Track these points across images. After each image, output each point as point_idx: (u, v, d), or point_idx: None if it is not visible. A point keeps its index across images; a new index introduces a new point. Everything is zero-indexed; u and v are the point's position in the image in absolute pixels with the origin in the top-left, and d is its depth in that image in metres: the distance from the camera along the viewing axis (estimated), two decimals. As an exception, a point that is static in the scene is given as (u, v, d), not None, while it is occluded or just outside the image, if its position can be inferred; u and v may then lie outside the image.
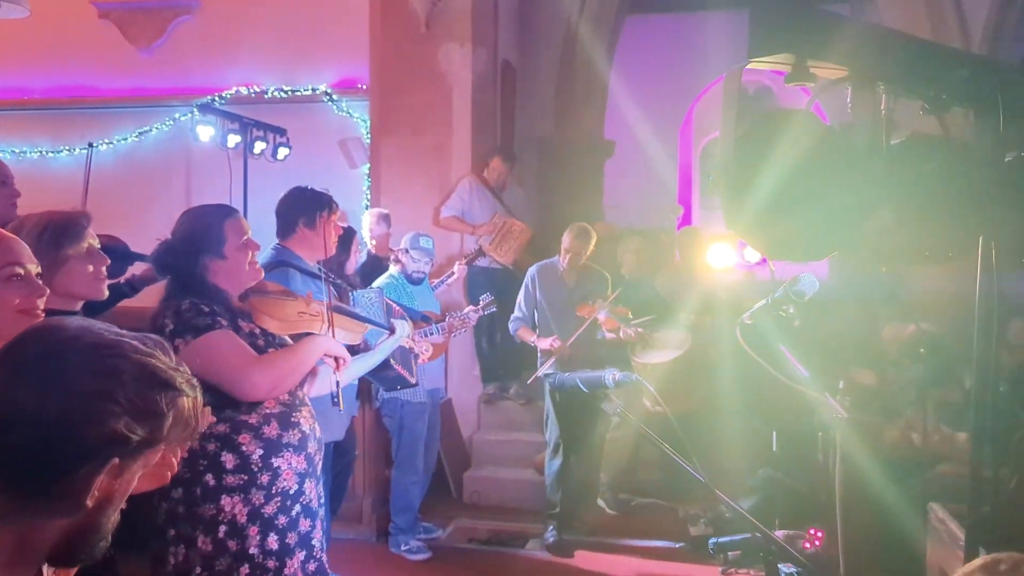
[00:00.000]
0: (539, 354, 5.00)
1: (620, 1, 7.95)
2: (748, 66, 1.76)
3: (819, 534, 3.65)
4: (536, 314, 5.02)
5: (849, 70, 1.78)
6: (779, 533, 3.64)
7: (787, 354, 2.95)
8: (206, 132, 6.11)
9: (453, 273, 5.48)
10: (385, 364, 2.74)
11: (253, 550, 2.21)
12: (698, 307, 5.17)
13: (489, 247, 6.01)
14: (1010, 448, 3.85)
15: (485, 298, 4.89)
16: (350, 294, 3.20)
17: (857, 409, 4.63)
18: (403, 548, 4.73)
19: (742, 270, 6.40)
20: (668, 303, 5.80)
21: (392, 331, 2.75)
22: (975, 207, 2.03)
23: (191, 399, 1.04)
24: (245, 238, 2.34)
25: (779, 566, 1.99)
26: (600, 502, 5.53)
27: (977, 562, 1.04)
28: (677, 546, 4.87)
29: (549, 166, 7.92)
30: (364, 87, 6.55)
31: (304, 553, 2.30)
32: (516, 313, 5.06)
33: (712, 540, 1.84)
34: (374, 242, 5.61)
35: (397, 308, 3.14)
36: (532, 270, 5.10)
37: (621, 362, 5.61)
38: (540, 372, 4.85)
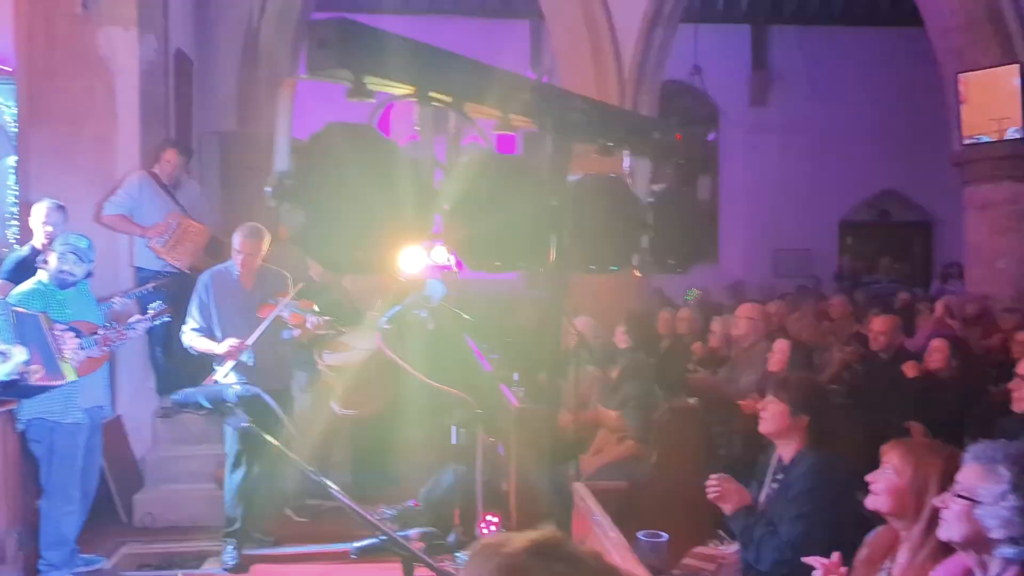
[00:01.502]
0: (216, 361, 4.72)
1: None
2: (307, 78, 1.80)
3: (495, 519, 3.87)
4: (214, 324, 4.71)
5: (415, 88, 1.88)
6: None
7: (474, 348, 3.09)
8: None
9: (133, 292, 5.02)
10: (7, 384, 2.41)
11: None
12: (386, 308, 5.22)
13: (162, 249, 5.57)
14: (652, 426, 4.38)
15: (157, 306, 4.52)
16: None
17: (530, 399, 4.98)
18: (57, 585, 4.22)
19: (435, 273, 6.59)
20: (357, 305, 5.81)
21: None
22: (629, 229, 2.40)
23: None
24: None
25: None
26: (288, 511, 5.38)
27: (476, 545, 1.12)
28: (360, 546, 4.87)
29: (232, 163, 7.57)
30: (10, 69, 5.78)
31: None
32: (190, 325, 4.69)
33: (353, 546, 1.86)
34: (45, 241, 4.89)
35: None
36: (204, 277, 4.78)
37: (307, 365, 5.52)
38: (216, 379, 4.58)
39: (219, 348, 4.60)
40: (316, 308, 4.84)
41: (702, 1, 12.00)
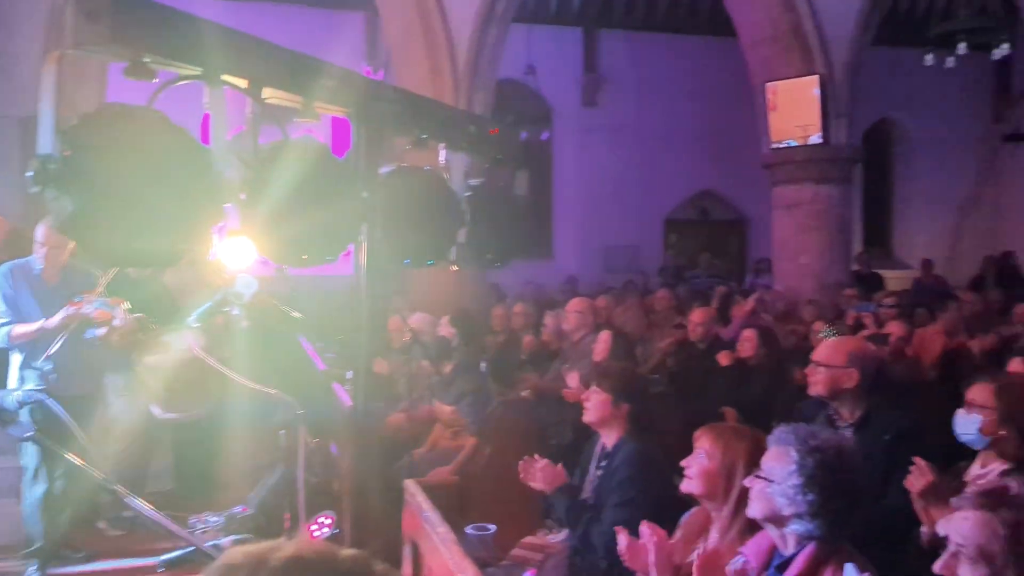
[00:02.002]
0: (11, 366, 4.30)
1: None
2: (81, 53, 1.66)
3: (328, 520, 3.77)
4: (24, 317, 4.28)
5: (203, 69, 1.79)
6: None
7: (306, 346, 2.98)
8: None
9: None
10: None
11: None
12: (211, 306, 4.96)
13: (-52, 242, 5.02)
14: (485, 420, 4.42)
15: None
16: None
17: (365, 398, 4.90)
18: None
19: (250, 268, 6.33)
20: (178, 302, 5.47)
21: None
22: (445, 223, 2.38)
23: None
24: None
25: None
26: (101, 524, 5.01)
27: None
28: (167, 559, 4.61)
29: (35, 149, 6.93)
30: None
31: None
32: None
33: (160, 559, 1.75)
34: None
35: None
36: (3, 269, 4.36)
37: (124, 367, 5.15)
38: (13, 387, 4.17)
39: (51, 322, 4.16)
40: (128, 305, 4.51)
41: (535, 2, 12.27)
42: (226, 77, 1.80)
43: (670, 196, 14.04)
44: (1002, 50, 8.71)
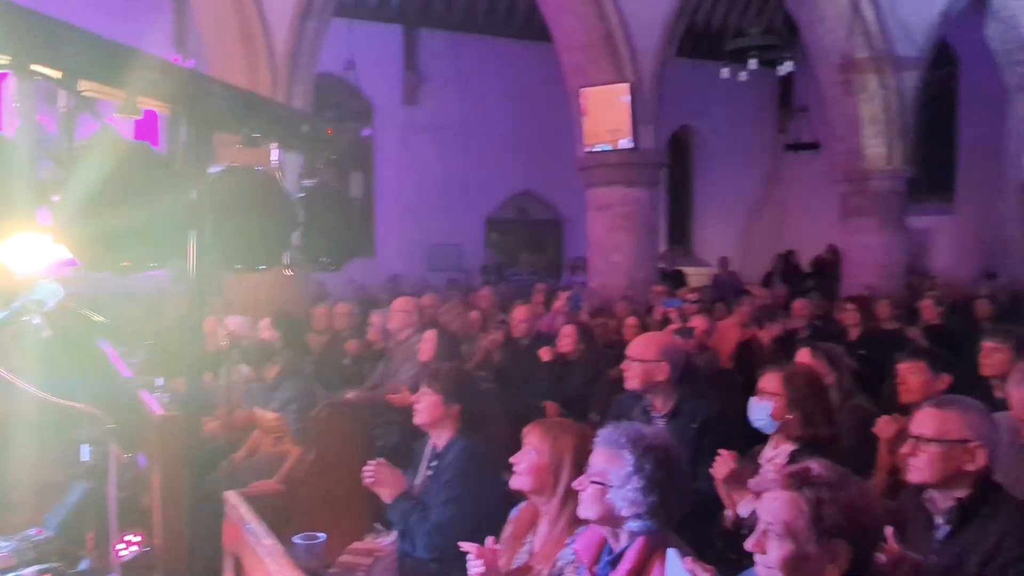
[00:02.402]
0: None
1: None
2: None
3: (137, 539, 3.53)
4: None
5: (10, 58, 1.67)
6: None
7: (110, 353, 2.76)
8: None
9: None
10: None
11: None
12: (8, 315, 4.50)
13: None
14: (310, 424, 4.30)
15: None
16: None
17: (176, 406, 4.63)
18: None
19: (53, 271, 5.81)
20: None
21: None
22: (278, 225, 2.29)
23: None
24: None
25: None
26: None
27: None
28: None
29: None
30: None
31: None
32: None
33: None
34: None
35: None
36: None
37: None
38: None
39: None
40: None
41: (355, -3, 12.09)
42: (37, 67, 1.65)
43: (491, 196, 14.30)
44: (786, 67, 9.59)
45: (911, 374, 3.74)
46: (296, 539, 2.59)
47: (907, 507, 2.56)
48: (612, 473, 2.11)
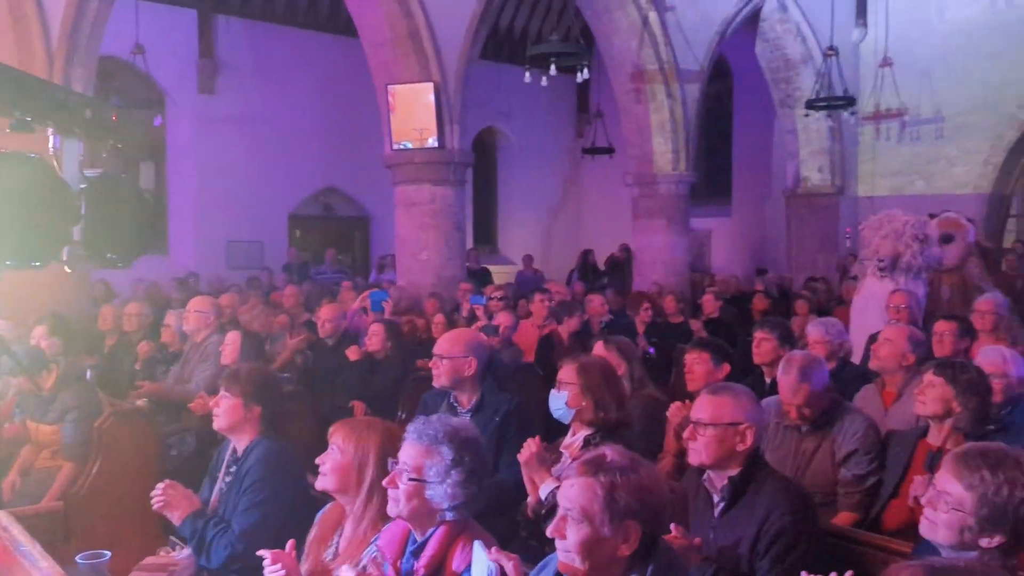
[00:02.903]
0: None
1: None
2: None
3: None
4: None
5: None
6: None
7: None
8: None
9: None
10: None
11: None
12: None
13: None
14: (95, 434, 4.00)
15: None
16: None
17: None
18: None
19: None
20: None
21: None
22: (56, 218, 2.09)
23: None
24: None
25: None
26: None
27: None
28: None
29: None
30: None
31: None
32: None
33: None
34: None
35: None
36: None
37: None
38: None
39: None
40: None
41: (143, -25, 11.24)
42: None
43: (295, 191, 13.85)
44: (583, 74, 10.05)
45: (696, 364, 4.07)
46: (79, 559, 2.40)
47: (690, 487, 2.80)
48: (431, 468, 2.13)
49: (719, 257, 15.62)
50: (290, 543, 2.30)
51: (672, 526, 2.33)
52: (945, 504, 2.00)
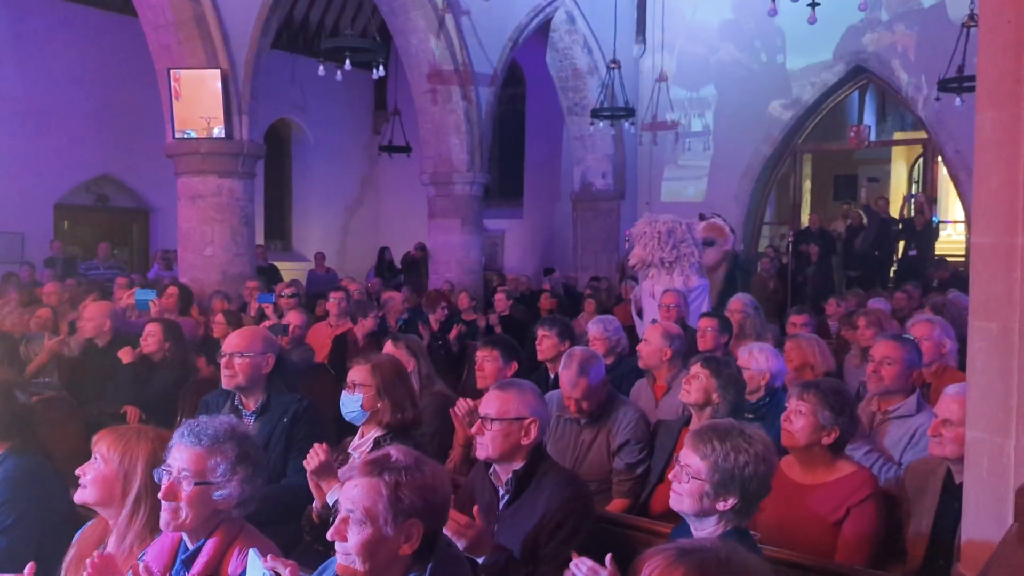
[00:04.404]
0: None
1: None
2: None
3: None
4: None
5: None
6: None
7: None
8: None
9: None
10: None
11: None
12: None
13: None
14: None
15: None
16: None
17: None
18: None
19: None
20: None
21: None
22: None
23: None
24: None
25: None
26: None
27: None
28: None
29: None
30: None
31: None
32: None
33: None
34: None
35: None
36: None
37: None
38: None
39: None
40: None
41: None
42: None
43: (62, 179, 12.62)
44: (379, 71, 9.98)
45: (487, 361, 4.18)
46: None
47: (476, 481, 2.88)
48: (216, 468, 2.08)
49: (512, 257, 16.10)
50: (29, 567, 2.08)
51: (474, 511, 2.41)
52: (686, 475, 2.24)
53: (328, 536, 1.89)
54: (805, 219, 14.53)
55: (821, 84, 13.28)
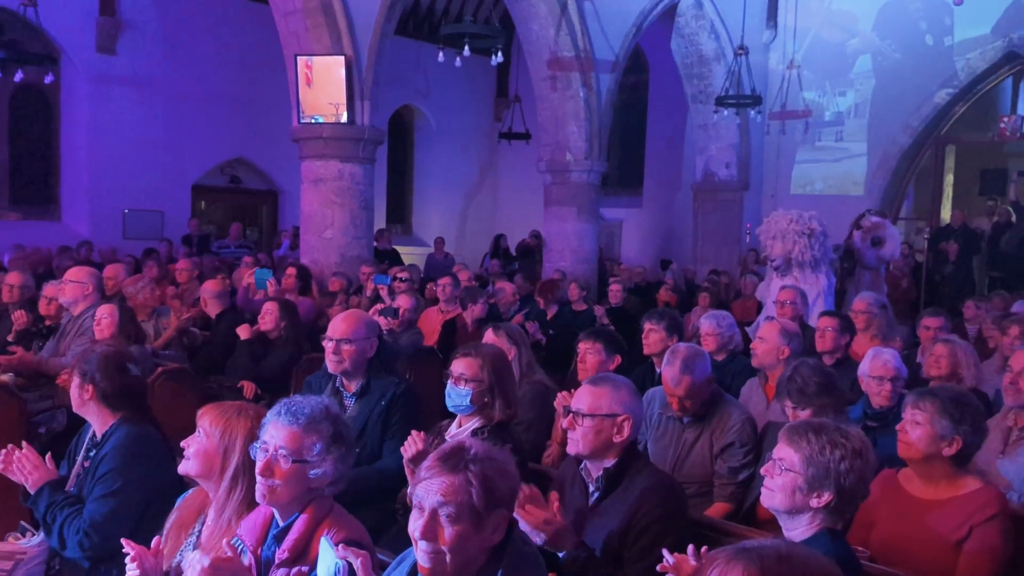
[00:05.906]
0: None
1: None
2: None
3: None
4: None
5: None
6: None
7: None
8: None
9: None
10: None
11: None
12: None
13: None
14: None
15: None
16: None
17: None
18: None
19: None
20: None
21: None
22: None
23: None
24: None
25: None
26: None
27: None
28: None
29: None
30: None
31: None
32: None
33: None
34: None
35: None
36: None
37: None
38: None
39: None
40: None
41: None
42: None
43: (200, 160, 13.34)
44: (497, 57, 9.98)
45: (589, 353, 4.09)
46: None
47: (566, 475, 2.80)
48: (313, 447, 2.10)
49: (629, 247, 15.85)
50: (155, 540, 2.19)
51: (555, 507, 2.37)
52: (779, 469, 2.14)
53: (417, 535, 1.84)
54: (945, 215, 13.59)
55: (970, 70, 12.35)
